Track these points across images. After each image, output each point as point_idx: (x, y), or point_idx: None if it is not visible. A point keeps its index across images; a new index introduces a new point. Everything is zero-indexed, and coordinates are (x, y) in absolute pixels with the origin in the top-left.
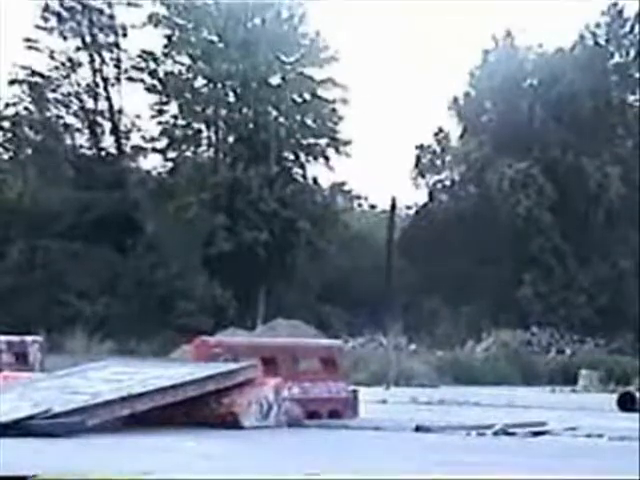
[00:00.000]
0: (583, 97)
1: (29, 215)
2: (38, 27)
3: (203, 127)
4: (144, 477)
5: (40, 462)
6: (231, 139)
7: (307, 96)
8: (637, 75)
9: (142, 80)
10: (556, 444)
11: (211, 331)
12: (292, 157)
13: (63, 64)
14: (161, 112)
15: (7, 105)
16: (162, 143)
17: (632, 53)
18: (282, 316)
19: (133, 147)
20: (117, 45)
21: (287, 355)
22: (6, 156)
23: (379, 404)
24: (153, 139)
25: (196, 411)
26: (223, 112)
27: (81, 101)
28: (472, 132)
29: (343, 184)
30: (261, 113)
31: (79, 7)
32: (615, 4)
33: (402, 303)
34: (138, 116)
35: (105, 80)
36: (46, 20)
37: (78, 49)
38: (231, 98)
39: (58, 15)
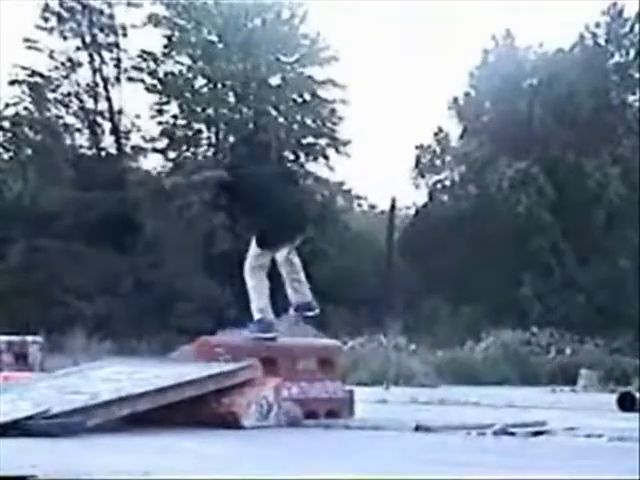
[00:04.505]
0: (583, 97)
1: (29, 215)
2: (38, 27)
3: (203, 127)
4: (144, 477)
5: (39, 462)
6: (231, 139)
7: (307, 96)
8: (637, 75)
9: (142, 80)
10: (556, 444)
11: (211, 331)
12: (292, 157)
13: (63, 64)
14: (161, 112)
15: (7, 105)
16: (162, 143)
17: (632, 53)
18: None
19: (133, 147)
20: (117, 45)
21: (287, 355)
22: (6, 156)
23: (379, 404)
24: (153, 139)
25: (196, 411)
26: (223, 112)
27: (81, 101)
28: (472, 132)
29: (343, 184)
30: (261, 113)
31: (79, 7)
32: (615, 4)
33: (402, 303)
34: (138, 116)
35: (105, 80)
36: (46, 20)
37: (78, 49)
38: (231, 98)
39: (58, 15)
